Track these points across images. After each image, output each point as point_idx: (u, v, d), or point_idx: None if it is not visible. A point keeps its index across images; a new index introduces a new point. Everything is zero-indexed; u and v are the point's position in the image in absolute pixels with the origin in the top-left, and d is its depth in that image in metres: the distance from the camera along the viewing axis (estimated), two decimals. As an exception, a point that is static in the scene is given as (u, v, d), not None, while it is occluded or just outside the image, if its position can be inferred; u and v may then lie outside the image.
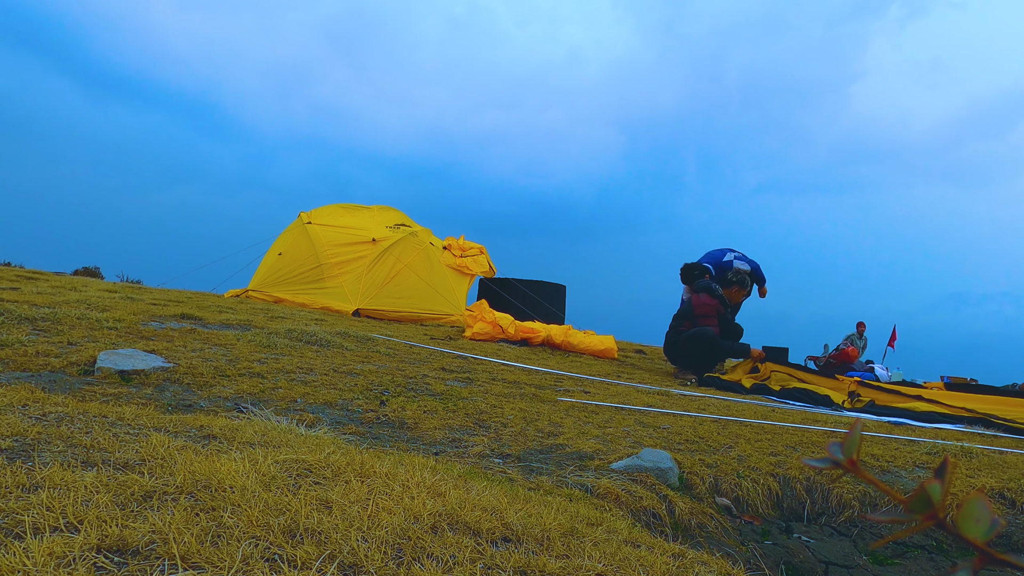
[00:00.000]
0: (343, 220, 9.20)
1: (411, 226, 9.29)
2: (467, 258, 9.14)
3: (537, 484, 1.93)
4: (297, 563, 1.00)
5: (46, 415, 1.66)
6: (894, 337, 10.76)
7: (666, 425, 3.17)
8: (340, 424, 2.44)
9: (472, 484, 1.61)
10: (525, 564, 1.15)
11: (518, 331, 6.87)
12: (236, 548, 1.01)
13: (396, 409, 2.77)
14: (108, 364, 2.76)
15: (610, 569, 1.20)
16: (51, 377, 2.58)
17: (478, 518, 1.31)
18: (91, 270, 12.65)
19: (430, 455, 2.12)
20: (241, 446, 1.60)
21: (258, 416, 2.18)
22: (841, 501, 2.39)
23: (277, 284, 8.54)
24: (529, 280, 9.97)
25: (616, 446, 2.53)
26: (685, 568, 1.31)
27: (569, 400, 3.55)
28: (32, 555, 0.90)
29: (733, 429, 3.29)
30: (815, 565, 2.02)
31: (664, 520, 1.99)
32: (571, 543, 1.30)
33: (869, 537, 2.25)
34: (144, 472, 1.27)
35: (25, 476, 1.17)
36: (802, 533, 2.24)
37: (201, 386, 2.72)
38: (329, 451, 1.63)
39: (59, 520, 1.01)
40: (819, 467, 0.34)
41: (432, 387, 3.38)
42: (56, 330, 3.52)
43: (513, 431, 2.64)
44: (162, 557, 0.95)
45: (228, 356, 3.39)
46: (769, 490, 2.39)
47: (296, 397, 2.74)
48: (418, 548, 1.13)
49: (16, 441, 1.39)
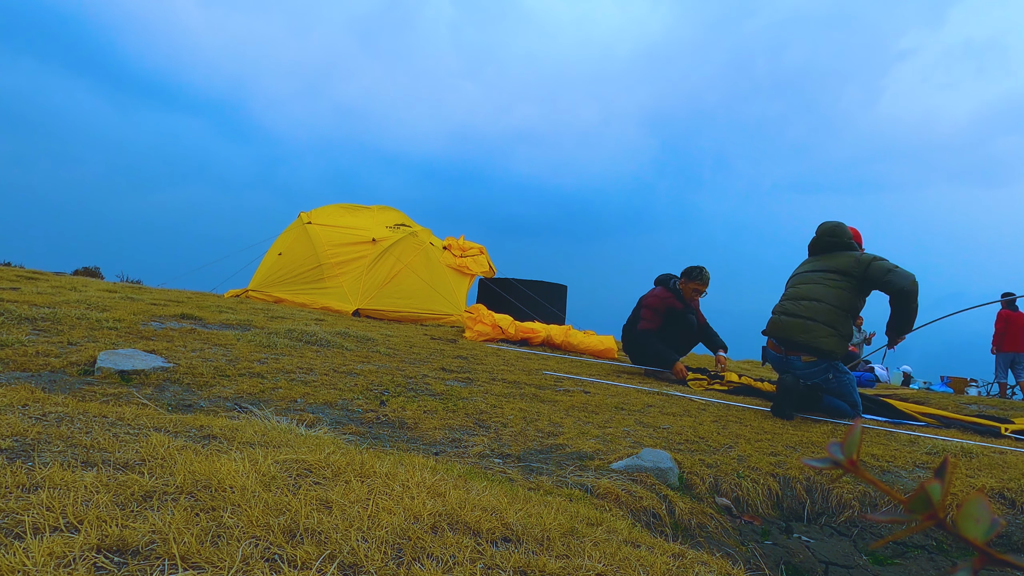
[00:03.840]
0: (343, 220, 9.20)
1: (411, 226, 9.29)
2: (467, 258, 9.14)
3: (537, 484, 1.93)
4: (297, 563, 1.00)
5: (46, 415, 1.66)
6: (894, 337, 10.76)
7: (666, 425, 3.17)
8: (340, 424, 2.44)
9: (472, 484, 1.61)
10: (525, 564, 1.15)
11: (518, 331, 6.88)
12: (236, 548, 1.01)
13: (396, 409, 2.77)
14: (108, 364, 2.76)
15: (610, 569, 1.20)
16: (51, 377, 2.58)
17: (478, 518, 1.31)
18: (91, 270, 12.66)
19: (430, 455, 2.12)
20: (241, 446, 1.60)
21: (258, 416, 2.18)
22: (841, 501, 2.39)
23: (277, 284, 8.54)
24: (529, 280, 9.97)
25: (616, 446, 2.53)
26: (685, 568, 1.31)
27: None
28: (32, 555, 0.90)
29: (733, 429, 3.30)
30: (815, 565, 2.02)
31: (664, 520, 1.99)
32: (571, 543, 1.30)
33: (869, 537, 2.25)
34: (144, 472, 1.27)
35: (25, 476, 1.17)
36: (802, 533, 2.24)
37: (201, 386, 2.73)
38: (329, 451, 1.63)
39: (59, 520, 1.01)
40: (819, 467, 0.34)
41: (432, 387, 3.38)
42: (56, 330, 3.52)
43: (513, 431, 2.64)
44: (162, 557, 0.95)
45: (228, 356, 3.39)
46: (769, 490, 2.39)
47: (296, 397, 2.74)
48: (418, 548, 1.13)
49: (16, 441, 1.39)
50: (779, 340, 3.94)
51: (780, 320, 3.94)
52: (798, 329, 3.81)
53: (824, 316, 3.76)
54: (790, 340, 3.84)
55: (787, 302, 3.95)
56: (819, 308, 3.77)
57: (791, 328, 3.84)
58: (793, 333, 3.83)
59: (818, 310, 3.77)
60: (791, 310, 3.88)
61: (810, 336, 3.77)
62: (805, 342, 3.78)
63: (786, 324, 3.87)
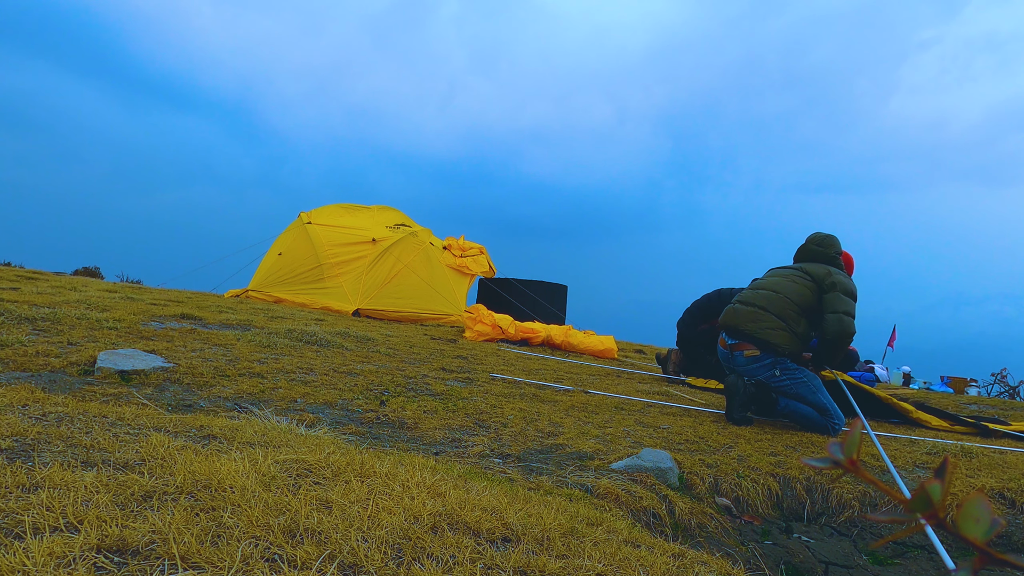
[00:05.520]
0: (343, 220, 9.20)
1: (411, 226, 9.29)
2: (467, 258, 9.14)
3: (537, 484, 1.93)
4: (297, 563, 1.00)
5: (46, 415, 1.66)
6: (894, 337, 10.74)
7: (666, 425, 3.17)
8: (340, 424, 2.44)
9: (472, 484, 1.61)
10: (525, 564, 1.15)
11: (518, 331, 6.87)
12: (236, 548, 1.01)
13: (396, 409, 2.77)
14: (108, 364, 2.76)
15: (610, 569, 1.20)
16: (51, 377, 2.58)
17: (478, 518, 1.31)
18: (91, 270, 12.65)
19: (430, 455, 2.12)
20: (241, 446, 1.60)
21: (258, 416, 2.18)
22: (841, 501, 2.39)
23: (277, 284, 8.54)
24: (529, 280, 9.97)
25: (616, 446, 2.53)
26: (685, 568, 1.31)
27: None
28: (32, 555, 0.89)
29: (733, 429, 3.29)
30: (815, 565, 2.02)
31: (664, 520, 1.99)
32: (571, 543, 1.30)
33: (869, 537, 2.25)
34: (144, 472, 1.27)
35: (25, 476, 1.17)
36: (802, 533, 2.24)
37: (201, 386, 2.72)
38: (329, 451, 1.63)
39: (59, 520, 1.01)
40: (819, 467, 0.34)
41: (432, 387, 3.38)
42: (56, 330, 3.52)
43: (513, 431, 2.64)
44: (162, 557, 0.95)
45: (228, 356, 3.39)
46: (769, 490, 2.39)
47: (296, 397, 2.74)
48: (418, 548, 1.13)
49: (16, 441, 1.39)
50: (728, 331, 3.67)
51: (734, 308, 3.70)
52: (748, 318, 3.57)
53: (777, 308, 3.53)
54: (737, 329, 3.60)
55: (747, 291, 3.74)
56: (774, 299, 3.55)
57: (742, 316, 3.60)
58: (742, 322, 3.58)
59: (772, 300, 3.55)
60: (748, 298, 3.66)
61: (757, 326, 3.53)
62: (751, 332, 3.54)
63: (739, 312, 3.64)
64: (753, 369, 3.54)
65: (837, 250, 3.77)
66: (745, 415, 3.52)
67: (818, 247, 3.76)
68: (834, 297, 3.47)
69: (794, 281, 3.58)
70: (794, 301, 3.52)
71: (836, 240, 3.80)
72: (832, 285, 3.51)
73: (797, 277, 3.61)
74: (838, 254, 3.76)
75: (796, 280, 3.58)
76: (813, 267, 3.64)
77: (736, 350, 3.60)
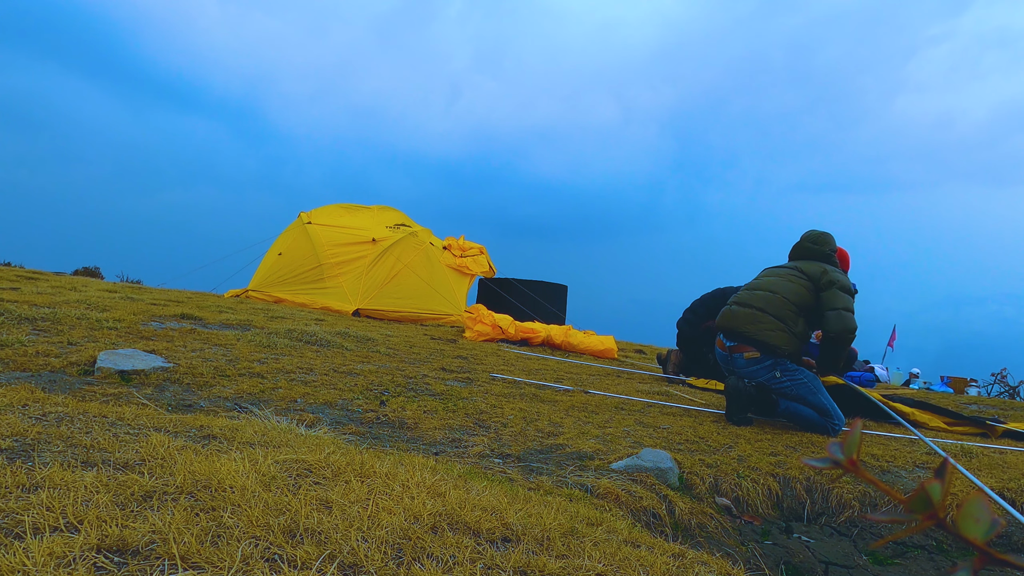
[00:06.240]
0: (343, 220, 9.20)
1: (411, 226, 9.29)
2: (467, 258, 9.14)
3: (537, 484, 1.93)
4: (297, 563, 1.00)
5: (46, 415, 1.66)
6: (893, 337, 10.74)
7: (666, 425, 3.17)
8: (340, 424, 2.44)
9: (472, 484, 1.61)
10: (525, 564, 1.15)
11: (518, 331, 6.87)
12: (236, 548, 1.01)
13: (396, 409, 2.77)
14: (108, 364, 2.76)
15: (610, 569, 1.20)
16: (51, 377, 2.58)
17: (478, 518, 1.31)
18: (91, 270, 12.65)
19: (430, 455, 2.12)
20: (241, 446, 1.60)
21: (258, 416, 2.18)
22: (841, 501, 2.39)
23: (277, 284, 8.54)
24: (529, 280, 9.97)
25: (616, 446, 2.53)
26: (685, 568, 1.31)
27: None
28: (32, 555, 0.90)
29: (733, 429, 3.30)
30: (815, 565, 2.02)
31: (664, 520, 1.99)
32: (571, 543, 1.30)
33: (869, 537, 2.25)
34: (144, 472, 1.27)
35: (25, 476, 1.17)
36: (802, 533, 2.24)
37: (201, 386, 2.72)
38: (329, 451, 1.63)
39: (59, 520, 1.01)
40: (819, 467, 0.34)
41: (432, 387, 3.38)
42: (56, 330, 3.52)
43: (513, 431, 2.64)
44: (162, 557, 0.95)
45: (228, 356, 3.39)
46: (769, 490, 2.39)
47: (296, 397, 2.74)
48: (418, 548, 1.13)
49: (16, 441, 1.39)
50: (726, 333, 3.66)
51: (731, 309, 3.68)
52: (746, 320, 3.55)
53: (775, 308, 3.51)
54: (736, 331, 3.58)
55: (743, 292, 3.72)
56: (772, 299, 3.53)
57: (739, 318, 3.59)
58: (740, 324, 3.57)
59: (770, 301, 3.53)
60: (744, 299, 3.65)
61: (756, 328, 3.51)
62: (750, 334, 3.52)
63: (736, 314, 3.62)
64: (753, 371, 3.53)
65: (832, 247, 3.75)
66: (745, 416, 3.52)
67: (813, 245, 3.75)
68: (832, 294, 3.46)
69: (790, 280, 3.57)
70: (791, 301, 3.50)
71: (831, 237, 3.79)
72: (829, 283, 3.50)
73: (793, 276, 3.59)
74: (833, 251, 3.74)
75: (792, 279, 3.57)
76: (808, 265, 3.63)
77: (735, 352, 3.59)
